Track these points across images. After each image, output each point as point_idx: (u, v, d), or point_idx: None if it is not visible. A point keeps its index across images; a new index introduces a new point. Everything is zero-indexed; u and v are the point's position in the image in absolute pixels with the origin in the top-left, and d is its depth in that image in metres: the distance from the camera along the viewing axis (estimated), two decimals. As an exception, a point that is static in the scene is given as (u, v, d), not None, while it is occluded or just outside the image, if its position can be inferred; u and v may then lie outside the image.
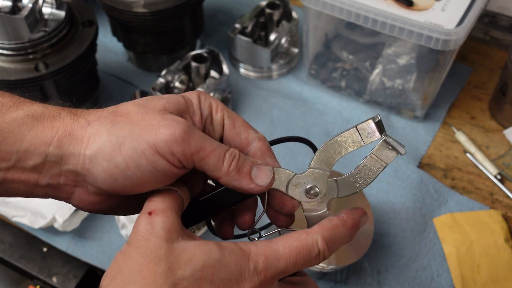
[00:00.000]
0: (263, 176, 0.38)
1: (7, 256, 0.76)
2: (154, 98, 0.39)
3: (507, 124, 0.87)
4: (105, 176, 0.37)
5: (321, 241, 0.38)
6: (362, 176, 0.40)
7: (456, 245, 0.72)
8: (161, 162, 0.36)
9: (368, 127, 0.40)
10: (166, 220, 0.35)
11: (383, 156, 0.40)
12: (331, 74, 0.92)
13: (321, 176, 0.40)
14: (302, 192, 0.40)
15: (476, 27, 1.02)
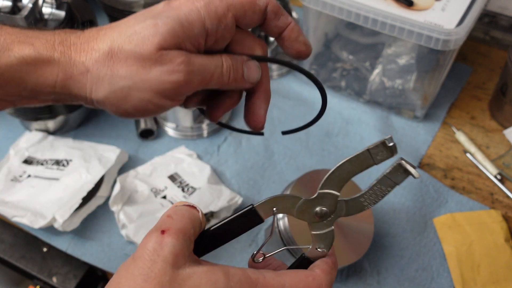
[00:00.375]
0: (253, 74, 0.43)
1: (7, 256, 0.76)
2: (147, 31, 0.39)
3: (507, 124, 0.87)
4: (116, 113, 0.41)
5: (325, 286, 0.39)
6: (372, 195, 0.41)
7: (456, 245, 0.72)
8: (167, 103, 0.41)
9: (380, 150, 0.40)
10: (177, 243, 0.33)
11: (395, 177, 0.41)
12: (331, 74, 0.92)
13: (330, 198, 0.40)
14: (313, 215, 0.40)
15: (476, 27, 1.02)
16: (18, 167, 0.79)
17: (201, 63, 0.40)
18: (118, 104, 0.40)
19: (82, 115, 0.88)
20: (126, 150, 0.83)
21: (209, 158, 0.83)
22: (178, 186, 0.77)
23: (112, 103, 0.40)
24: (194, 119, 0.84)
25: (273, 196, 0.39)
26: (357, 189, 0.70)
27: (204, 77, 0.40)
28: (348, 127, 0.88)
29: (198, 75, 0.40)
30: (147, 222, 0.71)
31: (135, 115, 0.41)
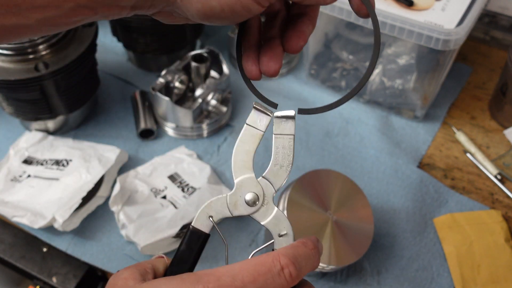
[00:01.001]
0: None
1: (7, 256, 0.76)
2: None
3: (507, 124, 0.87)
4: (198, 15, 0.39)
5: (283, 257, 0.36)
6: (282, 158, 0.40)
7: (456, 245, 0.72)
8: (253, 6, 0.39)
9: (255, 117, 0.41)
10: (128, 271, 0.38)
11: (285, 130, 0.41)
12: (331, 74, 0.92)
13: (248, 181, 0.40)
14: (245, 206, 0.40)
15: (476, 27, 1.02)
16: (18, 167, 0.79)
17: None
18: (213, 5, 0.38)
19: (82, 115, 0.88)
20: (126, 150, 0.83)
21: (209, 158, 0.83)
22: (178, 186, 0.77)
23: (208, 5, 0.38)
24: (194, 119, 0.84)
25: (202, 207, 0.39)
26: (354, 185, 0.70)
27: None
28: (348, 127, 0.88)
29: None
30: (147, 222, 0.71)
31: (219, 15, 0.38)
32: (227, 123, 0.88)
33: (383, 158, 0.83)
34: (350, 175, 0.80)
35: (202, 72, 0.87)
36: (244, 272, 0.35)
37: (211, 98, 0.85)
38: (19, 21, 0.35)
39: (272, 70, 0.43)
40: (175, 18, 0.41)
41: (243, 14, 0.39)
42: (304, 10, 0.45)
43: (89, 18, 0.38)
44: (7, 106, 0.81)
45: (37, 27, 0.36)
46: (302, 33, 0.44)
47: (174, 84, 0.85)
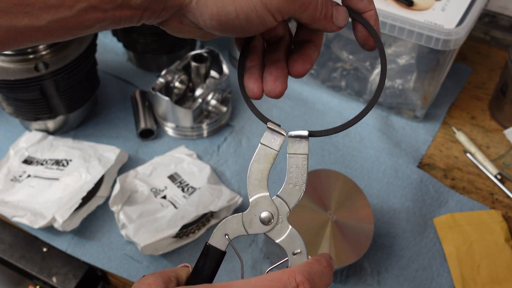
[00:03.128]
0: (341, 18, 0.43)
1: (7, 256, 0.76)
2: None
3: (507, 124, 0.87)
4: (211, 20, 0.38)
5: (299, 274, 0.37)
6: (296, 177, 0.41)
7: (456, 245, 0.72)
8: (268, 18, 0.39)
9: (269, 137, 0.41)
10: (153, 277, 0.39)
11: (298, 149, 0.41)
12: (331, 74, 0.92)
13: (263, 200, 0.40)
14: (260, 224, 0.40)
15: (476, 27, 1.02)
16: (18, 167, 0.79)
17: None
18: (224, 3, 0.37)
19: (82, 115, 0.88)
20: (126, 150, 0.83)
21: (209, 158, 0.83)
22: (178, 186, 0.77)
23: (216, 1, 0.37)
24: (194, 119, 0.84)
25: (219, 225, 0.40)
26: (354, 185, 0.70)
27: (304, 4, 0.39)
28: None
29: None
30: (147, 222, 0.71)
31: (232, 22, 0.38)
32: (227, 123, 0.88)
33: (383, 158, 0.83)
34: (350, 175, 0.80)
35: (202, 72, 0.87)
36: (260, 287, 0.36)
37: (211, 98, 0.85)
38: (30, 22, 0.35)
39: (278, 91, 0.43)
40: (184, 28, 0.41)
41: (256, 25, 0.39)
42: (309, 37, 0.45)
43: (100, 23, 0.37)
44: (7, 106, 0.81)
45: (48, 29, 0.36)
46: (308, 57, 0.44)
47: (174, 84, 0.85)
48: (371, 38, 0.43)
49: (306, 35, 0.46)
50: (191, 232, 0.73)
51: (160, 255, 0.71)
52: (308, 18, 0.41)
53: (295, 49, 0.45)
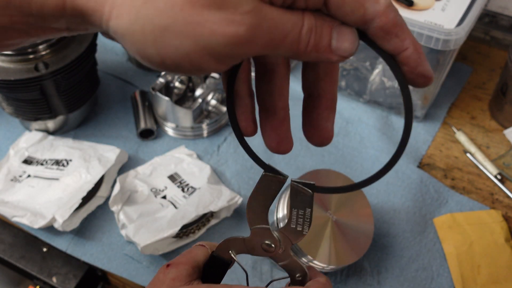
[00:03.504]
0: (346, 44, 0.30)
1: (7, 256, 0.76)
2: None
3: (507, 124, 0.87)
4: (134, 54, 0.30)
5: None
6: (299, 220, 0.38)
7: (456, 245, 0.72)
8: (209, 65, 0.29)
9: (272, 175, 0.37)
10: (176, 271, 0.39)
11: (301, 199, 0.37)
12: (331, 74, 0.92)
13: (264, 231, 0.39)
14: (262, 251, 0.40)
15: (476, 27, 1.02)
16: (18, 167, 0.79)
17: (274, 18, 0.28)
18: (143, 45, 0.28)
19: (82, 115, 0.88)
20: (126, 150, 0.83)
21: (209, 158, 0.83)
22: (178, 186, 0.77)
23: (135, 41, 0.28)
24: (194, 119, 0.84)
25: (224, 240, 0.41)
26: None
27: (273, 38, 0.28)
28: (348, 127, 0.88)
29: (266, 32, 0.28)
30: (147, 222, 0.71)
31: (159, 66, 0.30)
32: (227, 123, 0.88)
33: (383, 158, 0.83)
34: (350, 175, 0.80)
35: (202, 72, 0.87)
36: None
37: (211, 98, 0.85)
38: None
39: (283, 150, 0.37)
40: None
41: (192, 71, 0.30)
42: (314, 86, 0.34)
43: (25, 41, 0.34)
44: (7, 106, 0.81)
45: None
46: (323, 130, 0.35)
47: (174, 84, 0.85)
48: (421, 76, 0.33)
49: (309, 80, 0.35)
50: (191, 232, 0.73)
51: (160, 255, 0.71)
52: (290, 54, 0.30)
53: (306, 115, 0.35)
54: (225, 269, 0.42)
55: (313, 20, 0.29)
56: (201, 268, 0.41)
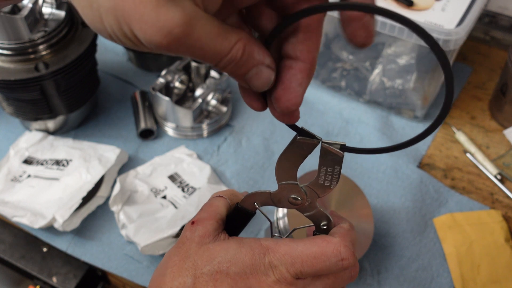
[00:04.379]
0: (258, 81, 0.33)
1: (7, 256, 0.76)
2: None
3: (507, 124, 0.87)
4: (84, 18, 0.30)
5: (344, 249, 0.39)
6: (327, 176, 0.40)
7: (456, 245, 0.72)
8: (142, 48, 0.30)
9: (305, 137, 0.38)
10: (203, 228, 0.41)
11: (331, 158, 0.39)
12: (331, 74, 0.92)
13: (292, 187, 0.41)
14: (288, 203, 0.42)
15: (476, 27, 1.02)
16: (18, 167, 0.79)
17: (200, 38, 0.29)
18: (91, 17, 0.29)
19: (82, 115, 0.88)
20: (126, 150, 0.83)
21: (209, 158, 0.83)
22: (178, 186, 0.77)
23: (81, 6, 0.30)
24: (194, 119, 0.84)
25: (250, 193, 0.43)
26: (354, 185, 0.70)
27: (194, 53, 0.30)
28: (348, 127, 0.88)
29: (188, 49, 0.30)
30: (147, 222, 0.71)
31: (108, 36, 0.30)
32: (227, 123, 0.88)
33: (383, 158, 0.83)
34: (350, 175, 0.80)
35: (202, 72, 0.87)
36: (304, 256, 0.39)
37: (211, 98, 0.86)
38: None
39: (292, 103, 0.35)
40: None
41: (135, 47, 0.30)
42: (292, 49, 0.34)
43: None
44: (7, 106, 0.81)
45: None
46: (291, 92, 0.35)
47: (174, 84, 0.85)
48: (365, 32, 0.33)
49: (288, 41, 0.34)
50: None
51: (160, 255, 0.71)
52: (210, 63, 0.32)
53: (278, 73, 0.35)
54: (248, 219, 0.44)
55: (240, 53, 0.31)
56: (225, 219, 0.43)
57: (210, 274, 0.38)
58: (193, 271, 0.39)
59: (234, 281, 0.38)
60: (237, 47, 0.31)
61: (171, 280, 0.39)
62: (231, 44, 0.31)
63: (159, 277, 0.40)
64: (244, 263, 0.38)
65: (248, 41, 0.32)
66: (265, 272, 0.39)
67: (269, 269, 0.39)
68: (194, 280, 0.38)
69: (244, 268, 0.38)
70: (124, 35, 0.29)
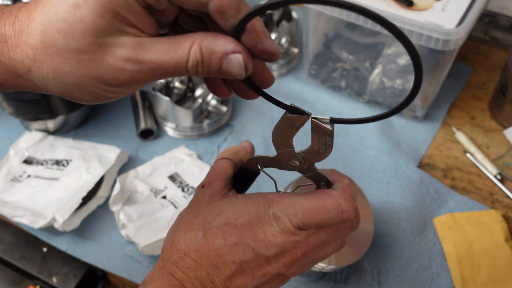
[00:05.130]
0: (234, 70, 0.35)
1: (7, 256, 0.76)
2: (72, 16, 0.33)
3: (507, 124, 0.87)
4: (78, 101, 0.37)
5: (344, 202, 0.43)
6: (320, 145, 0.44)
7: (456, 245, 0.72)
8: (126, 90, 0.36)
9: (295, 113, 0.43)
10: (211, 189, 0.45)
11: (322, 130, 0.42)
12: (331, 74, 0.92)
13: (290, 153, 0.44)
14: (288, 166, 0.45)
15: (476, 27, 1.02)
16: (18, 167, 0.79)
17: (155, 61, 0.33)
18: (75, 96, 0.36)
19: (82, 115, 0.88)
20: (126, 150, 0.83)
21: (209, 158, 0.83)
22: (178, 186, 0.77)
23: (69, 96, 0.36)
24: (194, 119, 0.84)
25: (252, 157, 0.46)
26: (357, 188, 0.70)
27: (160, 75, 0.34)
28: (348, 127, 0.88)
29: (151, 74, 0.34)
30: (147, 222, 0.71)
31: (103, 100, 0.36)
32: (227, 123, 0.88)
33: (383, 158, 0.83)
34: (350, 175, 0.80)
35: (202, 72, 0.87)
36: (306, 208, 0.42)
37: (211, 98, 0.85)
38: None
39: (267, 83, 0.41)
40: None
41: (121, 95, 0.36)
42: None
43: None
44: (7, 106, 0.81)
45: None
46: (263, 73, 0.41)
47: (174, 84, 0.85)
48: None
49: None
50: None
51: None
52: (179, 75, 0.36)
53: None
54: (254, 177, 0.47)
55: (199, 52, 0.33)
56: (232, 178, 0.46)
57: (219, 226, 0.42)
58: (203, 224, 0.42)
59: (241, 231, 0.41)
60: (193, 50, 0.33)
61: (184, 234, 0.42)
62: (186, 50, 0.33)
63: (173, 232, 0.43)
64: (250, 214, 0.42)
65: (202, 40, 0.34)
66: (269, 223, 0.41)
67: (273, 220, 0.42)
68: (204, 233, 0.42)
69: (250, 219, 0.42)
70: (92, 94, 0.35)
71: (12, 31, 0.35)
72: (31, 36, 0.34)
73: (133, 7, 0.32)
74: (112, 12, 0.32)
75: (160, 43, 0.33)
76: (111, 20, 0.32)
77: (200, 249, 0.41)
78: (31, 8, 0.35)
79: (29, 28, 0.34)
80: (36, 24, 0.34)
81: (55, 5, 0.33)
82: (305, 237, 0.42)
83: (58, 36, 0.33)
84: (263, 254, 0.42)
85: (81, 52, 0.33)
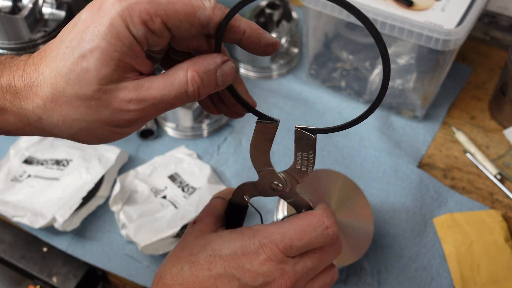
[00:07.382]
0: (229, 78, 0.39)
1: (7, 256, 0.76)
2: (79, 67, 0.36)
3: (507, 124, 0.87)
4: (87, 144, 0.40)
5: (327, 218, 0.43)
6: (303, 161, 0.43)
7: (456, 245, 0.72)
8: (133, 129, 0.40)
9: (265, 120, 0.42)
10: (202, 224, 0.45)
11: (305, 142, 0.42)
12: (331, 74, 0.92)
13: (271, 173, 0.44)
14: (271, 191, 0.45)
15: (476, 27, 1.02)
16: (18, 167, 0.79)
17: (156, 96, 0.36)
18: (85, 140, 0.39)
19: (82, 115, 0.88)
20: (126, 150, 0.83)
21: (209, 158, 0.83)
22: (178, 186, 0.77)
23: (77, 139, 0.39)
24: (194, 119, 0.84)
25: (238, 187, 0.46)
26: (354, 185, 0.70)
27: (163, 108, 0.37)
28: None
29: (154, 109, 0.37)
30: (147, 222, 0.71)
31: (109, 141, 0.40)
32: (227, 123, 0.88)
33: (383, 158, 0.83)
34: (350, 175, 0.80)
35: (202, 72, 0.87)
36: (292, 231, 0.42)
37: (211, 98, 0.85)
38: None
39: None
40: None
41: (128, 134, 0.40)
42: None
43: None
44: (7, 106, 0.81)
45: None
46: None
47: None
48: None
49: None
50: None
51: (161, 255, 0.71)
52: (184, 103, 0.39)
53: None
54: (244, 213, 0.47)
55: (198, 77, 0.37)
56: (224, 216, 0.47)
57: (204, 258, 0.42)
58: (189, 257, 0.42)
59: (226, 262, 0.41)
60: (189, 77, 0.37)
61: (170, 268, 0.42)
62: (182, 80, 0.37)
63: (161, 268, 0.44)
64: (235, 244, 0.42)
65: (194, 64, 0.37)
66: (255, 251, 0.41)
67: (259, 248, 0.41)
68: (190, 265, 0.42)
69: (235, 249, 0.41)
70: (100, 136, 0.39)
71: (22, 83, 0.38)
72: (41, 88, 0.37)
73: (135, 52, 0.35)
74: (116, 59, 0.35)
75: (157, 80, 0.37)
76: (114, 67, 0.35)
77: (185, 282, 0.41)
78: (37, 62, 0.38)
79: (38, 80, 0.37)
80: (46, 77, 0.37)
81: (63, 58, 0.36)
82: (292, 264, 0.42)
83: (67, 86, 0.36)
84: (250, 285, 0.41)
85: (89, 99, 0.36)
